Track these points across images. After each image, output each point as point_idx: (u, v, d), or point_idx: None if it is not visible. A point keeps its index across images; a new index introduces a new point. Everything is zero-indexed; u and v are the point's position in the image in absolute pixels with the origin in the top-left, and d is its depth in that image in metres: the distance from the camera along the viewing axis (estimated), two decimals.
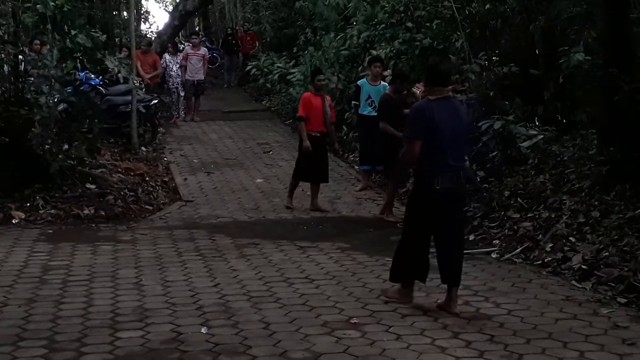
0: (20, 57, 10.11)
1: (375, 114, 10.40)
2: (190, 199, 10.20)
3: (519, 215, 7.85)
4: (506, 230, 7.67)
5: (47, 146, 9.43)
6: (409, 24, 12.36)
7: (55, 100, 9.70)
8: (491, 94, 10.38)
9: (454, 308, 5.36)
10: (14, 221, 8.60)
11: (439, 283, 6.18)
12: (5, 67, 9.81)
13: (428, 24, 12.12)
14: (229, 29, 25.80)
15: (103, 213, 8.98)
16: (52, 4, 9.68)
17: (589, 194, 7.49)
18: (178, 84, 16.41)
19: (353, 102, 11.51)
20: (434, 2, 12.15)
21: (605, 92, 7.74)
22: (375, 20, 13.25)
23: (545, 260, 6.66)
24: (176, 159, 12.84)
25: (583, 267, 6.24)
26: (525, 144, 9.00)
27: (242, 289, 6.03)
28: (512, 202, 8.24)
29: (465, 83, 10.66)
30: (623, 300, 5.54)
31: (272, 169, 12.03)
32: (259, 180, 11.19)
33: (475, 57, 10.81)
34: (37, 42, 11.19)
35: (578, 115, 9.77)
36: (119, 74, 11.92)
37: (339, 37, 13.97)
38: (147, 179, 10.87)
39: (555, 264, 6.53)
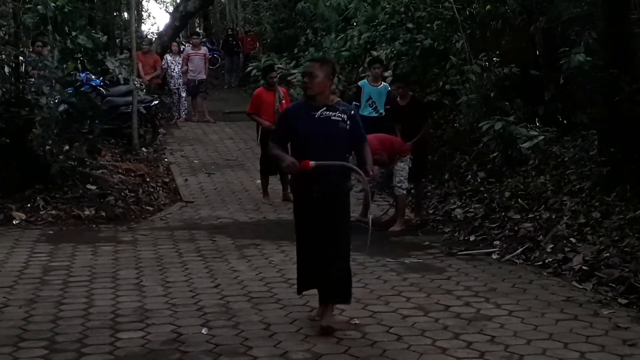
0: (21, 58, 10.12)
1: (376, 114, 10.41)
2: (191, 200, 10.21)
3: (519, 216, 7.85)
4: (507, 231, 7.66)
5: (47, 147, 9.43)
6: (410, 25, 12.37)
7: (56, 101, 9.70)
8: (492, 94, 10.40)
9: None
10: (14, 222, 8.60)
11: (440, 284, 6.20)
12: (6, 68, 9.82)
13: (429, 25, 12.12)
14: (229, 30, 25.82)
15: (104, 214, 8.99)
16: (53, 4, 9.69)
17: (590, 195, 7.49)
18: (179, 84, 16.43)
19: (354, 102, 11.50)
20: (434, 3, 12.16)
21: (605, 93, 7.75)
22: (376, 21, 13.25)
23: (546, 261, 6.65)
24: (177, 160, 12.84)
25: (584, 268, 6.23)
26: (526, 144, 9.01)
27: (243, 290, 6.03)
28: (512, 202, 8.24)
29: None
30: (624, 301, 5.53)
31: None
32: (259, 181, 11.19)
33: (475, 57, 10.82)
34: (40, 43, 11.20)
35: (578, 116, 9.78)
36: (120, 75, 11.94)
37: (339, 38, 13.98)
38: (148, 179, 10.87)
39: (555, 264, 6.53)
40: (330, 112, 4.97)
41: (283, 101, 9.91)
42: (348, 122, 4.99)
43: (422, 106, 9.22)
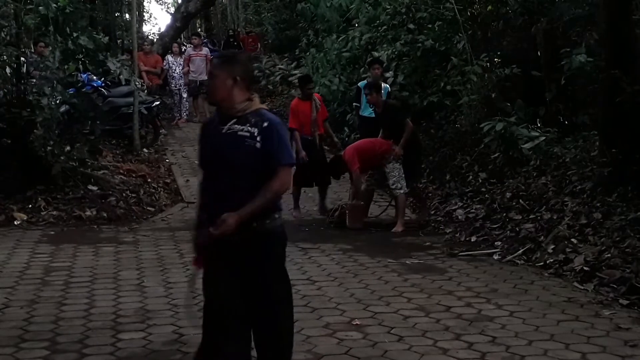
0: (22, 58, 10.12)
1: (376, 115, 10.41)
2: (192, 201, 10.18)
3: (520, 217, 7.84)
4: (508, 232, 7.66)
5: (49, 148, 9.44)
6: (411, 26, 12.37)
7: (57, 102, 9.71)
8: (493, 95, 10.40)
9: None
10: (16, 222, 8.61)
11: (441, 285, 6.20)
12: (8, 69, 9.82)
13: (430, 26, 12.13)
14: (230, 31, 25.83)
15: (105, 214, 8.99)
16: (54, 5, 9.68)
17: (591, 196, 7.48)
18: (181, 85, 16.44)
19: (354, 103, 11.51)
20: (435, 4, 12.16)
21: (607, 94, 7.74)
22: (377, 22, 13.25)
23: (547, 261, 6.65)
24: (178, 161, 12.84)
25: (585, 268, 6.23)
26: (527, 145, 9.00)
27: None
28: (514, 203, 8.23)
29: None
30: (625, 302, 5.53)
31: None
32: None
33: (477, 58, 10.81)
34: (42, 44, 11.21)
35: (580, 117, 9.78)
36: (121, 76, 11.94)
37: (340, 38, 13.97)
38: (149, 180, 10.87)
39: (557, 265, 6.53)
40: (239, 126, 3.63)
41: (319, 109, 9.38)
42: (258, 138, 3.60)
43: (395, 110, 9.13)
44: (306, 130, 9.31)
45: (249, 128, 3.62)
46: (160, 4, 49.85)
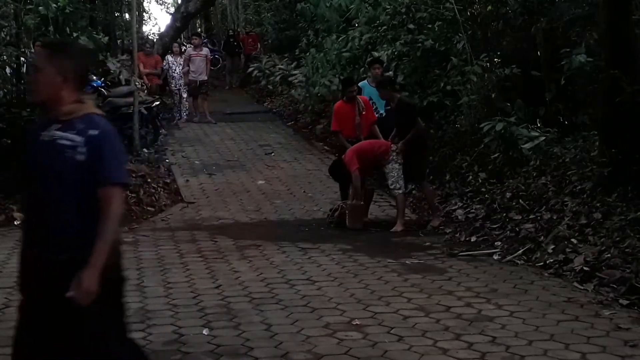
0: (22, 59, 10.14)
1: (376, 115, 10.40)
2: (192, 201, 10.21)
3: (520, 217, 7.85)
4: (508, 232, 7.66)
5: None
6: (411, 26, 12.36)
7: None
8: (493, 95, 10.39)
9: None
10: (16, 222, 8.62)
11: (441, 285, 6.20)
12: (8, 69, 9.84)
13: (430, 26, 12.12)
14: (230, 31, 25.84)
15: None
16: (54, 5, 9.70)
17: (591, 196, 7.48)
18: (180, 85, 16.44)
19: None
20: (435, 4, 12.15)
21: (606, 94, 7.74)
22: (377, 22, 13.25)
23: (547, 261, 6.65)
24: (178, 161, 12.84)
25: (585, 268, 6.23)
26: (527, 145, 9.00)
27: (244, 291, 6.03)
28: (513, 203, 8.24)
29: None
30: (625, 302, 5.53)
31: (274, 170, 12.04)
32: (260, 182, 11.20)
33: (476, 58, 10.80)
34: (40, 44, 11.22)
35: (580, 117, 9.78)
36: (121, 76, 11.93)
37: (340, 38, 13.96)
38: (149, 180, 10.86)
39: (557, 265, 6.53)
40: (60, 133, 3.06)
41: (364, 112, 9.16)
42: (82, 150, 3.02)
43: (408, 109, 9.10)
44: (348, 132, 9.12)
45: (73, 136, 3.04)
46: (160, 4, 49.88)
